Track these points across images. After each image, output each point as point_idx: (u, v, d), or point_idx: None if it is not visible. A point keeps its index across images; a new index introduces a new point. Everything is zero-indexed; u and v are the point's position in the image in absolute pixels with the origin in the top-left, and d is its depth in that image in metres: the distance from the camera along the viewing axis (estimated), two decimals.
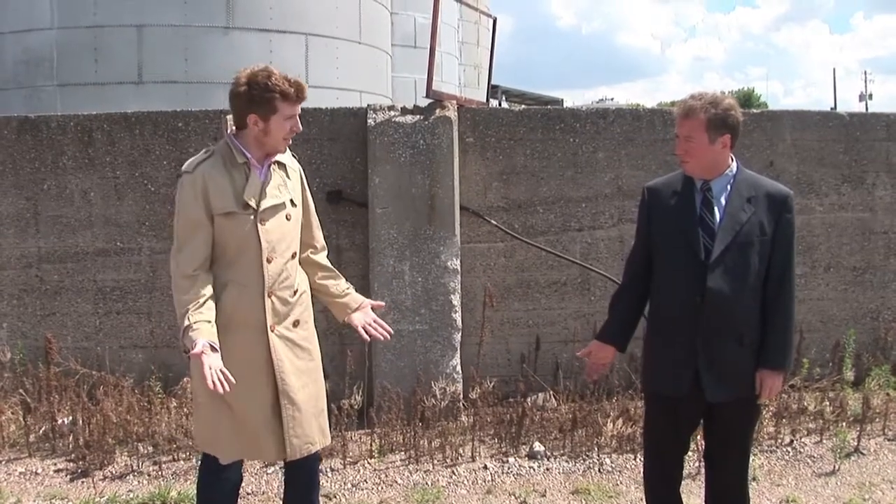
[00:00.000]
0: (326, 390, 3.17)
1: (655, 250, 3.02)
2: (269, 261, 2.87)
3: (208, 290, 2.79)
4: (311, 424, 2.99)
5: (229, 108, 2.90)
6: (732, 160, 2.93)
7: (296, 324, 2.98)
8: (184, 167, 2.90)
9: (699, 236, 2.86)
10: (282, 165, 2.99)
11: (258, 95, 2.79)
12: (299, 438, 2.95)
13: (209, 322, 2.73)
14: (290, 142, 2.95)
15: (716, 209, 2.88)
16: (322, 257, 3.22)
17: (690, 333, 2.88)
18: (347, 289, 3.23)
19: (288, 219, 2.96)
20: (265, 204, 2.87)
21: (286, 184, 2.98)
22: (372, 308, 3.24)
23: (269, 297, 2.88)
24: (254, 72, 2.82)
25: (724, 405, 2.93)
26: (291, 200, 2.99)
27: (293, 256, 2.99)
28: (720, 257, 2.83)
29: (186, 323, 2.70)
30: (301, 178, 3.11)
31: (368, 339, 3.20)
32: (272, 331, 2.89)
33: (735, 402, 2.91)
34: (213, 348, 2.68)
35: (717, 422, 3.02)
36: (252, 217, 2.84)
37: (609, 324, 3.18)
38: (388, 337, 3.22)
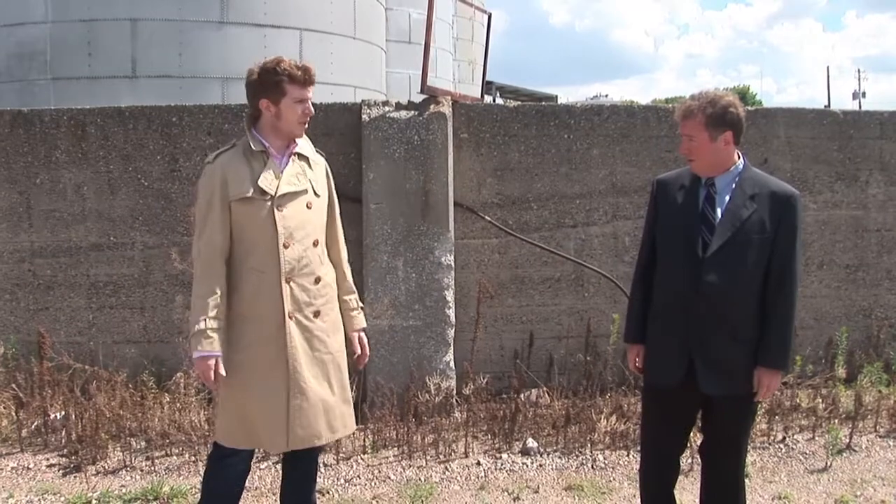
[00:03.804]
0: None
1: (657, 243, 3.05)
2: (286, 246, 2.92)
3: (221, 284, 2.89)
4: (318, 417, 2.99)
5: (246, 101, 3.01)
6: (739, 157, 2.94)
7: (316, 314, 3.01)
8: (207, 158, 3.01)
9: (699, 231, 2.88)
10: (304, 157, 3.06)
11: (268, 80, 2.90)
12: (304, 430, 2.96)
13: (221, 330, 2.87)
14: (307, 126, 3.01)
15: (718, 205, 2.90)
16: (339, 261, 3.23)
17: (685, 327, 2.90)
18: (354, 310, 3.25)
19: (309, 207, 3.01)
20: (282, 190, 2.94)
21: (306, 173, 3.04)
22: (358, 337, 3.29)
23: (288, 283, 2.93)
24: (266, 61, 2.95)
25: (720, 401, 2.94)
26: (315, 190, 3.05)
27: (315, 244, 3.02)
28: (717, 253, 2.84)
29: (202, 327, 2.83)
30: (326, 173, 3.18)
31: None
32: (290, 318, 2.93)
33: (731, 398, 2.92)
34: (217, 364, 2.85)
35: (714, 418, 3.04)
36: (269, 203, 2.91)
37: (629, 323, 3.22)
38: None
